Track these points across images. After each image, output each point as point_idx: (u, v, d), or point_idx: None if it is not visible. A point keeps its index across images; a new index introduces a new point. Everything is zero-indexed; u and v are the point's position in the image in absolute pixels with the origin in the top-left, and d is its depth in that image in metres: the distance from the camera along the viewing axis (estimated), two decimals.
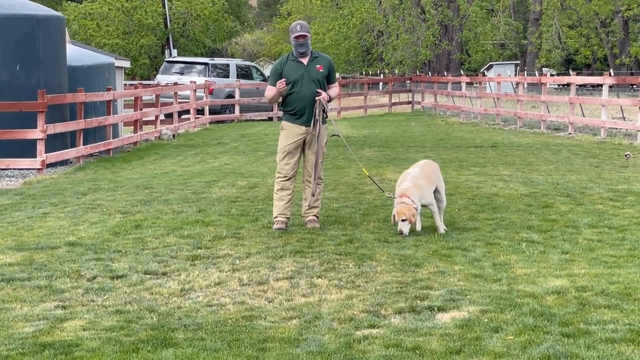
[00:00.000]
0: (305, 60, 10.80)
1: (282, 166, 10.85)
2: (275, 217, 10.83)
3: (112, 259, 9.26)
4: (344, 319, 7.04)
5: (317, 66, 10.79)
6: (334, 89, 11.06)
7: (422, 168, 10.71)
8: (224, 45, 79.80)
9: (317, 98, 10.71)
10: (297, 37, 10.69)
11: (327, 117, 10.95)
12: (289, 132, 10.84)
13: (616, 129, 26.14)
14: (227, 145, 23.26)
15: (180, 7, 65.06)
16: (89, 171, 17.95)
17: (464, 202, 12.69)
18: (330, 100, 10.90)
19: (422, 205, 10.42)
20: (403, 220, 10.15)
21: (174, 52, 59.16)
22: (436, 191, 10.62)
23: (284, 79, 10.69)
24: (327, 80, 10.93)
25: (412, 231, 10.43)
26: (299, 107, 10.76)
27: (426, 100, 43.14)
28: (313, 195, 10.91)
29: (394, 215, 10.26)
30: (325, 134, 10.96)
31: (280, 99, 10.97)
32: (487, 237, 10.12)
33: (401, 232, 10.18)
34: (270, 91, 10.88)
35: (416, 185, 10.36)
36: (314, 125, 10.73)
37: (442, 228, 10.45)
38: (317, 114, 10.72)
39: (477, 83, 39.49)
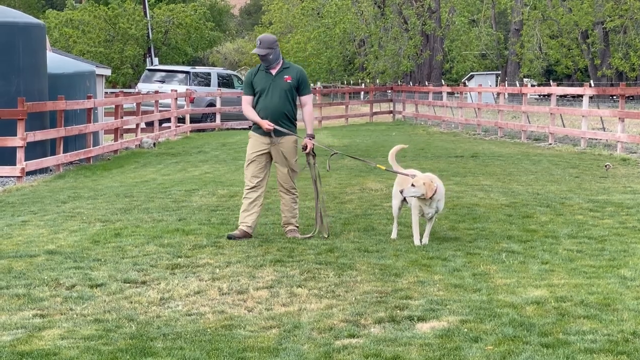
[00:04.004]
0: (274, 71, 10.78)
1: (247, 175, 10.85)
2: (238, 226, 10.84)
3: (92, 267, 9.22)
4: (323, 329, 7.02)
5: (285, 77, 10.75)
6: (307, 107, 10.96)
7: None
8: (205, 53, 79.84)
9: (305, 152, 10.83)
10: (258, 55, 10.71)
11: (315, 155, 10.98)
12: (254, 142, 10.84)
13: (596, 139, 26.25)
14: (208, 154, 23.23)
15: (162, 16, 65.03)
16: (69, 179, 17.88)
17: (444, 212, 12.69)
18: (312, 136, 10.90)
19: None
20: (413, 185, 10.16)
21: (156, 60, 59.11)
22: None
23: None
24: (299, 91, 10.90)
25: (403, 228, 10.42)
26: (262, 116, 10.71)
27: (407, 110, 43.21)
28: (322, 221, 10.89)
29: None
30: (293, 148, 10.86)
31: None
32: (467, 247, 10.13)
33: (401, 191, 10.26)
34: (247, 107, 10.81)
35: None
36: (277, 134, 10.70)
37: (418, 240, 10.41)
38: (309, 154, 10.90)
39: (458, 93, 39.61)
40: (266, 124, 10.61)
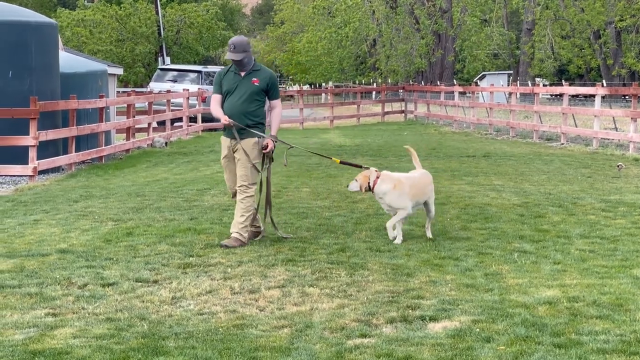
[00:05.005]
0: (243, 73, 10.66)
1: (229, 185, 10.91)
2: None
3: (104, 266, 9.24)
4: (335, 328, 7.02)
5: (253, 79, 10.58)
6: (276, 110, 10.81)
7: (420, 176, 10.69)
8: (217, 53, 79.86)
9: (265, 151, 10.64)
10: (233, 60, 10.60)
11: (272, 160, 10.85)
12: (222, 145, 10.84)
13: (608, 139, 26.18)
14: (219, 154, 23.13)
15: (173, 15, 65.11)
16: (81, 178, 17.91)
17: (456, 211, 12.69)
18: (275, 139, 10.74)
19: (393, 207, 10.40)
20: (355, 180, 10.56)
21: (167, 59, 59.18)
22: (425, 203, 10.63)
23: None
24: (269, 95, 10.73)
25: (411, 235, 10.42)
26: (228, 116, 10.62)
27: (419, 110, 43.17)
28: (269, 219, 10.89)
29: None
30: (253, 148, 10.64)
31: None
32: (479, 247, 10.12)
33: (347, 185, 10.83)
34: (214, 104, 10.75)
35: (398, 182, 10.37)
36: (239, 133, 10.58)
37: (392, 234, 10.39)
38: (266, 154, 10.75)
39: (470, 93, 39.53)
40: (224, 119, 10.55)
